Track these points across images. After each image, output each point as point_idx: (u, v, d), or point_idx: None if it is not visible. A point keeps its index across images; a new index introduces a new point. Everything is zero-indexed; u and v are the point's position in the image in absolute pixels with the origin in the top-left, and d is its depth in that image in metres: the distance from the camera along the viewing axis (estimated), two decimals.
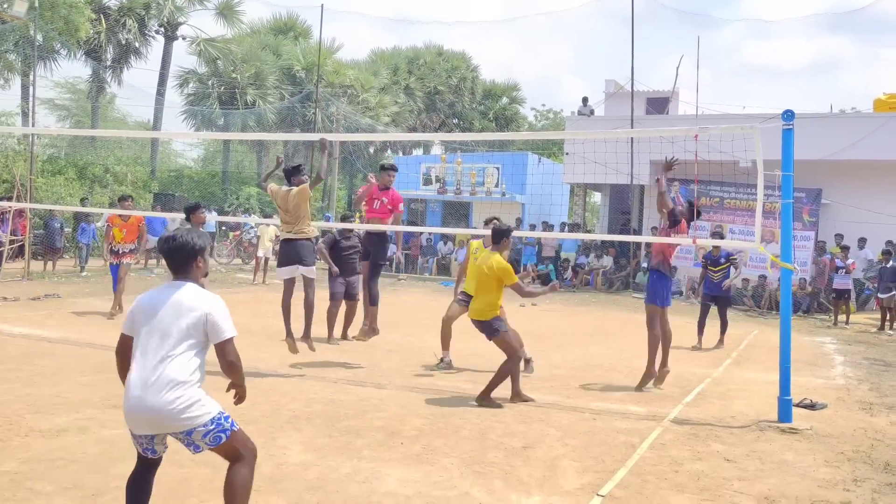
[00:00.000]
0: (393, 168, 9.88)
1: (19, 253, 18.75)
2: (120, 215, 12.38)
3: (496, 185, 26.67)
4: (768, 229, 17.38)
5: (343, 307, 11.04)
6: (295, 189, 8.80)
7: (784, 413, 7.14)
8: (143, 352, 3.78)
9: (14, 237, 18.03)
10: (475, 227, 24.05)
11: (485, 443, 6.13)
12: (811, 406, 7.84)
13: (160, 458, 4.03)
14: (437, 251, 25.32)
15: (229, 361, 3.91)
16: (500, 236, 7.79)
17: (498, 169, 26.83)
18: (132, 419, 3.77)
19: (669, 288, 8.74)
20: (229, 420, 3.88)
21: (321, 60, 31.98)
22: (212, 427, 3.80)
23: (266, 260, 20.16)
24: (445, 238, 25.36)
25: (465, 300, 9.26)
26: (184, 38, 34.37)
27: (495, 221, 9.34)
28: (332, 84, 35.71)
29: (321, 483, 5.03)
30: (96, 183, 27.86)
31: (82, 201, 23.75)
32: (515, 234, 10.02)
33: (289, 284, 8.81)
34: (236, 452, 3.90)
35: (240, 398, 4.07)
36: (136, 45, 32.52)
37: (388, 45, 57.25)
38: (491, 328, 7.66)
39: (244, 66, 34.43)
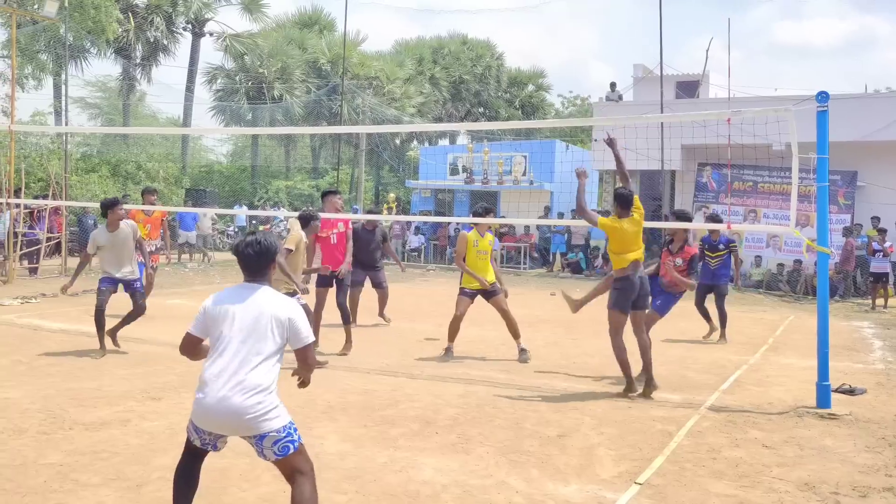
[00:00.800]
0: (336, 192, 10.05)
1: (56, 250, 19.07)
2: (143, 210, 11.89)
3: (524, 174, 26.56)
4: (803, 213, 17.13)
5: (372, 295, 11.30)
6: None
7: (823, 399, 7.04)
8: (223, 352, 3.76)
9: (51, 234, 18.34)
10: (503, 216, 24.02)
11: (520, 432, 6.13)
12: (850, 391, 7.73)
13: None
14: None
15: (308, 365, 4.05)
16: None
17: (525, 157, 26.71)
18: (208, 417, 3.76)
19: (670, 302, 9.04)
20: (297, 432, 3.90)
21: (346, 53, 32.06)
22: (283, 435, 3.81)
23: None
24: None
25: (471, 295, 9.49)
26: (211, 35, 34.69)
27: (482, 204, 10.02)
28: (357, 76, 35.80)
29: (358, 472, 5.07)
30: (129, 180, 28.26)
31: (123, 198, 24.07)
32: (545, 222, 10.09)
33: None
34: (299, 467, 3.88)
35: (304, 384, 4.23)
36: (165, 42, 32.91)
37: (412, 36, 57.35)
38: None
39: (270, 60, 34.66)
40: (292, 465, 3.86)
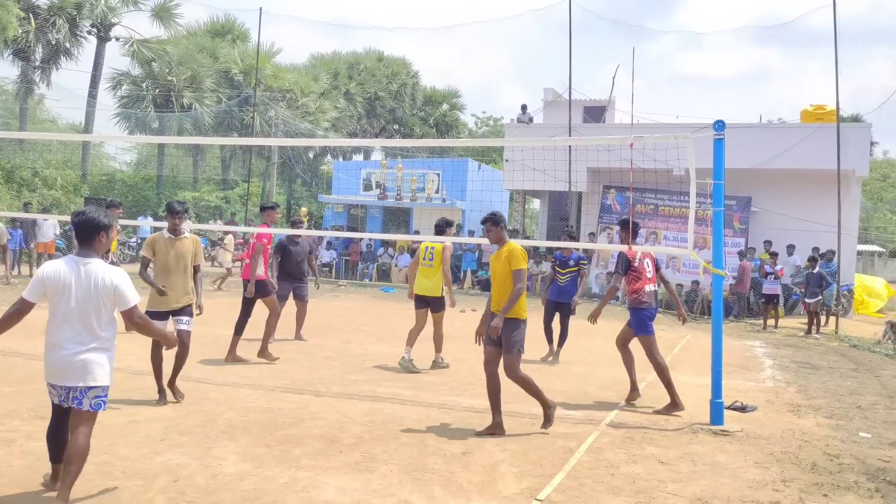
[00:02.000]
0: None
1: None
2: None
3: (437, 192, 26.75)
4: (700, 236, 17.83)
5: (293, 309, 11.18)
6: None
7: (716, 416, 7.32)
8: (67, 317, 4.54)
9: None
10: (417, 233, 24.07)
11: (424, 449, 6.13)
12: (742, 409, 8.06)
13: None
14: (376, 257, 25.24)
15: (136, 324, 4.71)
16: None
17: (438, 175, 26.92)
18: (59, 373, 4.54)
19: (648, 317, 8.29)
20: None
21: (259, 64, 31.60)
22: (103, 394, 4.58)
23: (229, 270, 20.55)
24: (386, 244, 25.29)
25: (421, 306, 10.03)
26: (117, 39, 33.55)
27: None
28: (270, 88, 35.30)
29: (258, 493, 4.95)
30: (24, 187, 26.97)
31: (26, 206, 22.94)
32: (455, 240, 10.21)
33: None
34: (91, 422, 4.58)
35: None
36: (67, 45, 31.63)
37: (328, 50, 57.01)
38: None
39: (180, 68, 33.79)
40: (89, 419, 4.56)
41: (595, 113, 25.49)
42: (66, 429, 4.64)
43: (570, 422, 7.28)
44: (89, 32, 32.73)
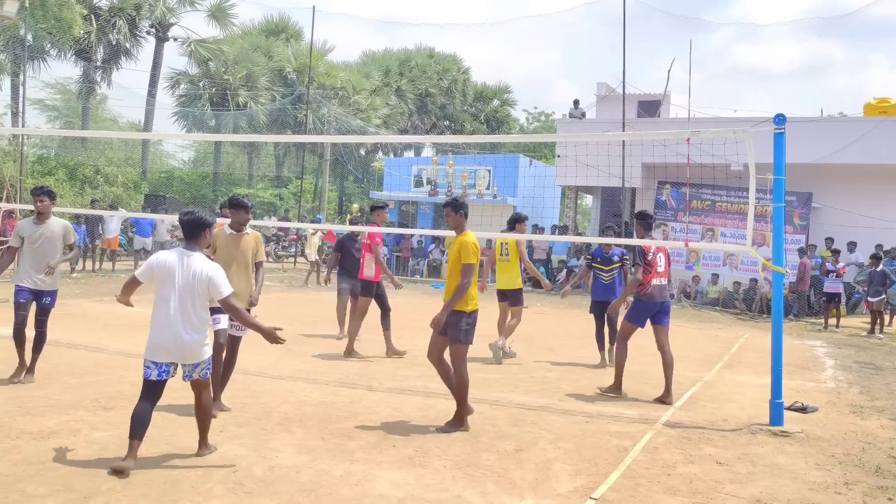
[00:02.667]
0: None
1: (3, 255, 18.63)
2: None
3: (487, 188, 26.70)
4: (759, 232, 17.46)
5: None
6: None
7: (776, 416, 7.16)
8: (167, 301, 5.30)
9: (3, 238, 17.90)
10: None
11: (477, 445, 6.12)
12: (802, 409, 7.87)
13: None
14: (427, 253, 25.31)
15: (232, 311, 5.51)
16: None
17: (489, 171, 26.87)
18: (166, 351, 5.24)
19: (645, 308, 8.27)
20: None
21: (313, 62, 31.95)
22: (206, 366, 5.44)
23: (316, 262, 21.37)
24: (437, 240, 25.35)
25: (502, 299, 10.53)
26: (175, 40, 34.30)
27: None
28: (323, 86, 35.69)
29: (313, 486, 5.01)
30: (86, 184, 27.76)
31: (93, 203, 23.60)
32: (507, 236, 10.21)
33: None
34: (206, 387, 5.53)
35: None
36: (127, 45, 32.43)
37: (379, 48, 57.37)
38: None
39: (236, 67, 34.38)
40: (206, 385, 5.51)
41: (649, 107, 25.14)
42: (152, 406, 5.30)
43: (624, 421, 7.19)
44: (148, 33, 33.52)
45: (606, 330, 10.43)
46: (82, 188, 27.18)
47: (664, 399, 8.07)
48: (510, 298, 10.37)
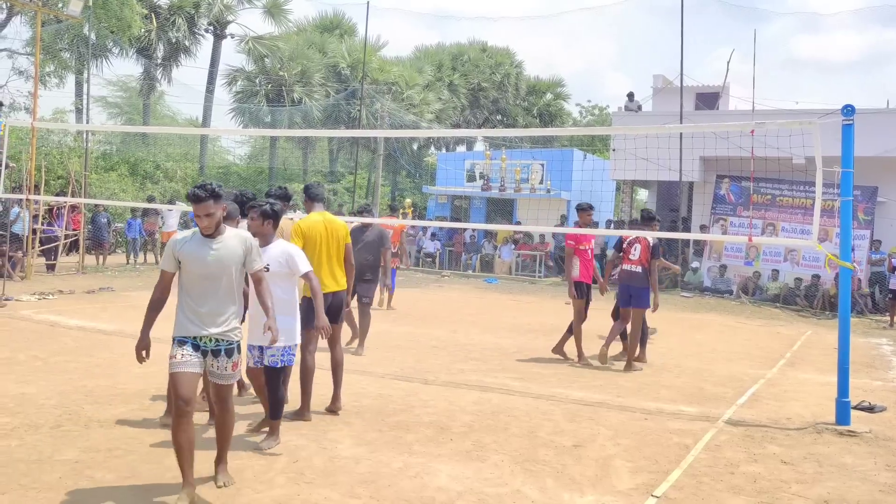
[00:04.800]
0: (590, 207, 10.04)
1: (73, 247, 19.19)
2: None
3: (541, 182, 26.51)
4: (822, 227, 16.99)
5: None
6: None
7: (842, 415, 6.95)
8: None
9: (69, 232, 18.46)
10: (519, 224, 24.01)
11: (534, 441, 6.09)
12: (870, 409, 7.63)
13: None
14: (480, 248, 25.28)
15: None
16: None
17: (543, 165, 26.67)
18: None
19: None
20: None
21: (366, 58, 32.13)
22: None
23: None
24: (489, 235, 25.30)
25: None
26: (232, 37, 34.84)
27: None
28: (376, 81, 35.87)
29: (373, 477, 5.04)
30: (147, 179, 28.41)
31: (149, 199, 24.20)
32: (561, 230, 10.11)
33: None
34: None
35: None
36: (186, 43, 33.05)
37: (432, 42, 57.42)
38: None
39: (291, 63, 34.77)
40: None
41: (708, 99, 24.65)
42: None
43: (686, 418, 7.07)
44: (206, 30, 34.11)
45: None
46: (143, 183, 27.82)
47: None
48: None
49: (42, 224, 17.38)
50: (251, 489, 4.73)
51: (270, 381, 5.67)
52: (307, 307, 6.13)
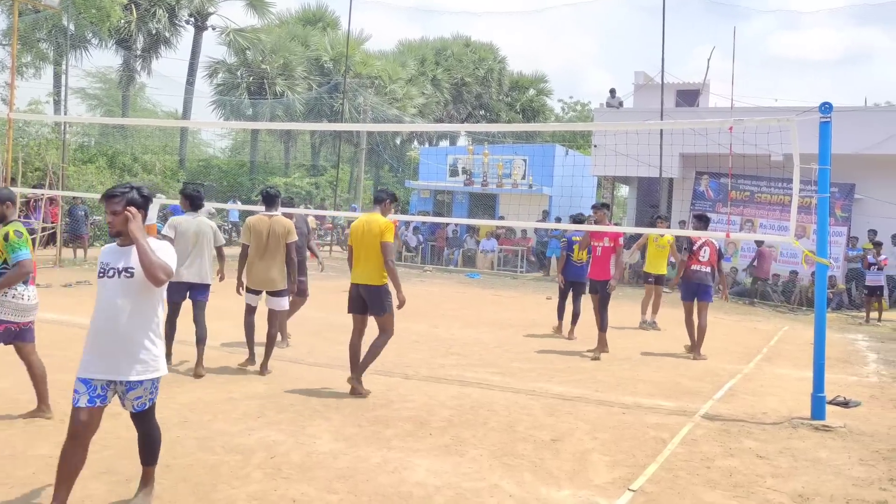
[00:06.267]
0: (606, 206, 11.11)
1: (51, 240, 18.98)
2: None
3: (523, 177, 26.54)
4: (799, 224, 17.15)
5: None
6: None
7: (817, 410, 7.03)
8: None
9: (46, 224, 18.25)
10: (502, 219, 24.04)
11: (513, 435, 6.11)
12: (845, 404, 7.71)
13: None
14: (462, 243, 25.29)
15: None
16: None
17: (525, 161, 26.69)
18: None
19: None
20: None
21: (349, 51, 32.01)
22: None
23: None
24: (472, 230, 25.31)
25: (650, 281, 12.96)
26: (213, 29, 34.56)
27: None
28: (359, 75, 35.75)
29: (351, 472, 5.03)
30: (126, 172, 28.15)
31: None
32: (543, 225, 10.26)
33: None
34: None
35: None
36: (166, 34, 32.76)
37: (415, 36, 57.31)
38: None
39: (273, 56, 34.58)
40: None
41: (688, 96, 24.77)
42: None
43: (663, 412, 7.12)
44: (187, 22, 33.83)
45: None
46: (122, 176, 27.56)
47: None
48: (658, 280, 12.90)
49: (19, 217, 17.18)
50: (227, 485, 4.70)
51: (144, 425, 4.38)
52: None
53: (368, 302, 7.25)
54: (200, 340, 7.75)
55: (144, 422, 4.31)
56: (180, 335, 8.02)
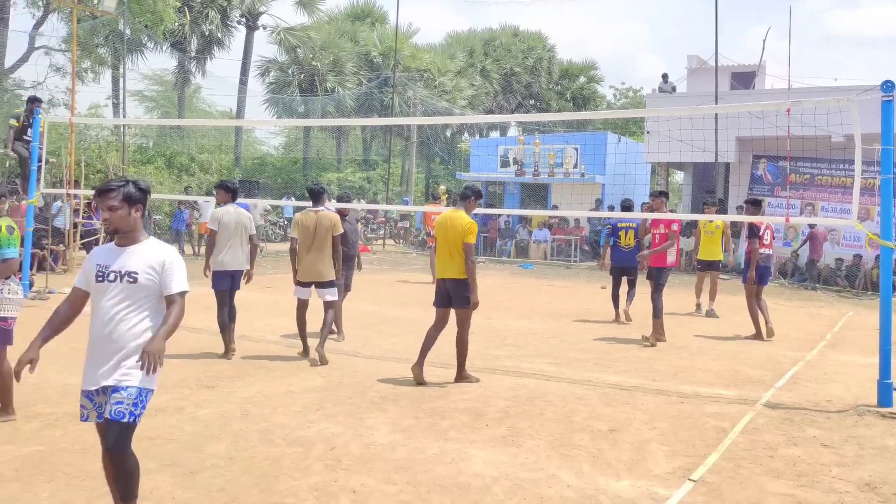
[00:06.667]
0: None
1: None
2: None
3: (575, 166, 26.33)
4: (862, 206, 16.65)
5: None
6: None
7: (884, 397, 6.83)
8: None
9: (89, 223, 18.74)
10: (555, 208, 23.90)
11: (570, 426, 6.08)
12: None
13: None
14: (514, 233, 25.22)
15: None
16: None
17: (577, 150, 26.47)
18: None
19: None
20: None
21: (398, 45, 32.14)
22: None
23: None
24: (524, 220, 25.22)
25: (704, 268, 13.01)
26: (264, 28, 35.08)
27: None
28: (408, 68, 35.89)
29: (409, 464, 5.08)
30: (183, 171, 28.77)
31: (186, 189, 24.52)
32: (596, 214, 10.14)
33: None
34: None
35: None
36: (219, 35, 33.35)
37: (463, 28, 57.20)
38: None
39: (323, 53, 34.93)
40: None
41: (743, 79, 24.23)
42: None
43: (723, 401, 7.01)
44: (239, 22, 34.39)
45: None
46: (179, 176, 28.19)
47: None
48: (713, 267, 12.88)
49: (82, 218, 17.70)
50: (289, 476, 4.79)
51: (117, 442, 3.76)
52: None
53: (453, 294, 7.39)
54: (232, 320, 8.39)
55: (117, 447, 3.71)
56: (241, 329, 8.19)
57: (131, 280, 3.81)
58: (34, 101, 13.85)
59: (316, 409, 6.28)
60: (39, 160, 12.30)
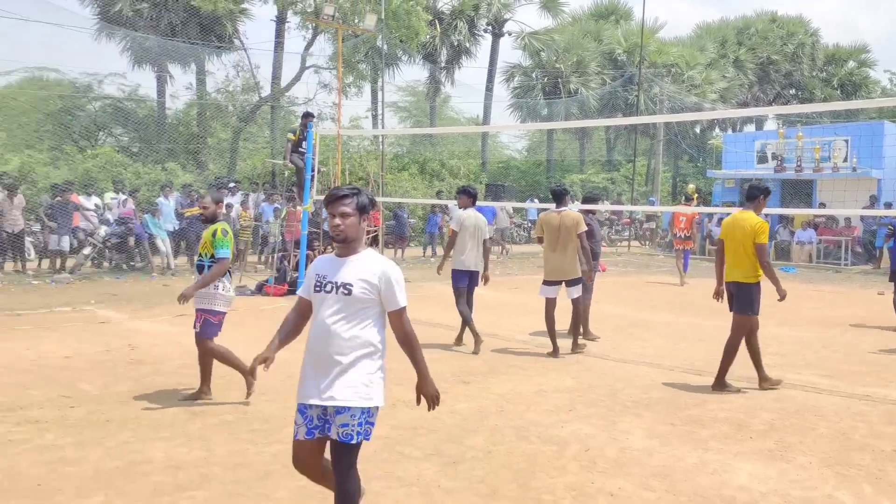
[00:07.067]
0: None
1: (373, 242, 20.97)
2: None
3: (845, 160, 23.99)
4: None
5: None
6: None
7: None
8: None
9: (370, 228, 20.19)
10: (822, 206, 22.02)
11: (847, 443, 5.55)
12: None
13: None
14: (775, 234, 23.52)
15: None
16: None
17: (847, 141, 24.10)
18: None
19: None
20: None
21: (643, 41, 31.33)
22: None
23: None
24: (784, 220, 23.47)
25: None
26: (509, 34, 35.80)
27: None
28: (654, 64, 34.88)
29: (667, 471, 4.91)
30: (434, 177, 30.19)
31: (438, 194, 25.79)
32: (870, 213, 9.17)
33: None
34: None
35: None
36: (467, 44, 34.56)
37: (714, 18, 54.53)
38: None
39: (566, 55, 34.98)
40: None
41: None
42: None
43: None
44: (485, 30, 35.42)
45: None
46: (431, 181, 29.60)
47: None
48: None
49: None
50: (545, 474, 4.83)
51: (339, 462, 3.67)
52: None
53: (736, 298, 7.26)
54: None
55: (343, 467, 3.63)
56: (491, 328, 8.39)
57: (346, 292, 3.65)
58: (308, 115, 15.18)
59: (568, 410, 6.28)
60: (312, 170, 13.44)
